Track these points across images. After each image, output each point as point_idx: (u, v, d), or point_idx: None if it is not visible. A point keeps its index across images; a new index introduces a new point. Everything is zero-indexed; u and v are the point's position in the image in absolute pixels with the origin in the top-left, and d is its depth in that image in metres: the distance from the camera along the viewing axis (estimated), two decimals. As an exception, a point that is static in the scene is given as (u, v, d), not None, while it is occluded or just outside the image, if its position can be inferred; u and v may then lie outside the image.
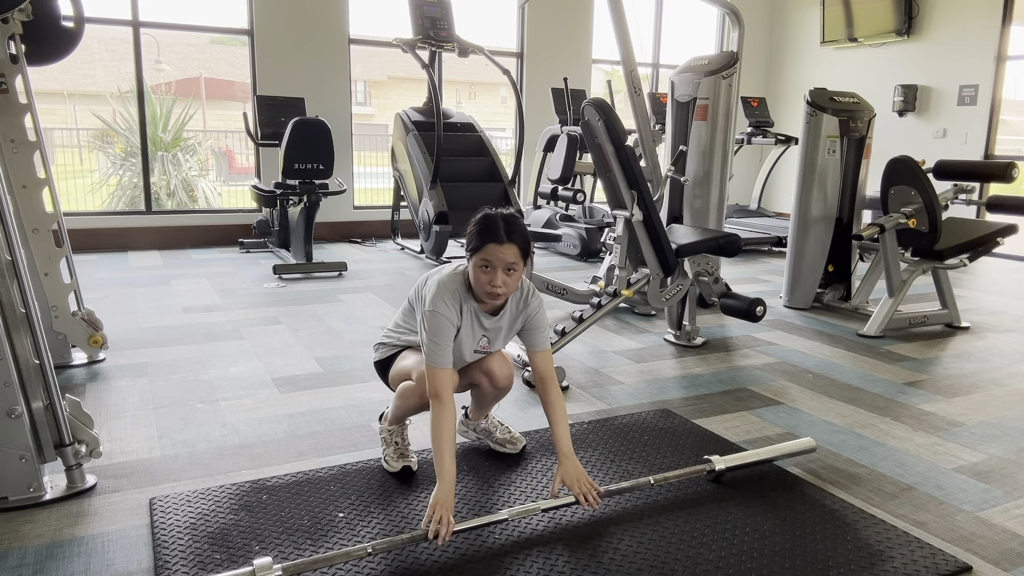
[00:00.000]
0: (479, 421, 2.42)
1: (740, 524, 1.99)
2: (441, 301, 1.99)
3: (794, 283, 4.66)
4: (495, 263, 1.94)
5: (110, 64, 9.71)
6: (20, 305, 2.06)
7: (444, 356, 1.97)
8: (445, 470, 1.86)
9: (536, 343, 2.16)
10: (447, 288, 2.01)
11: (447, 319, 1.97)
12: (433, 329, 1.97)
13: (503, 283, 1.96)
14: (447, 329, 1.97)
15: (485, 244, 1.94)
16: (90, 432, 2.18)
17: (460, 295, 2.03)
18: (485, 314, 2.08)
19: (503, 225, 1.95)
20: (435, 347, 1.96)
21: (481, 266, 1.95)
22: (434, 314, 1.97)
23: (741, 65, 4.31)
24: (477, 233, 1.96)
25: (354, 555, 1.71)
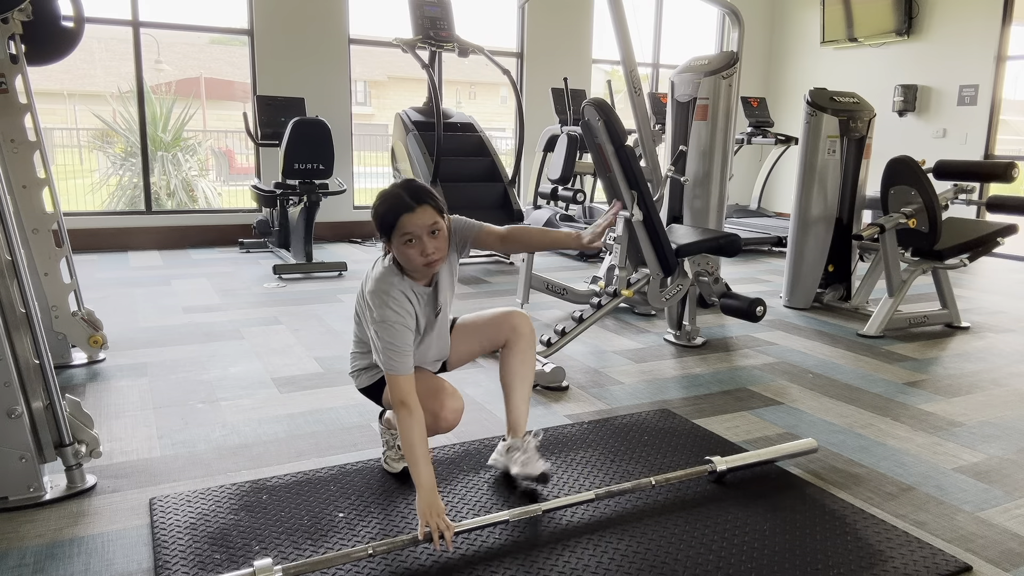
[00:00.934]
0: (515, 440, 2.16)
1: (740, 524, 1.99)
2: (388, 307, 1.88)
3: (794, 283, 4.66)
4: (417, 232, 1.85)
5: (110, 64, 9.72)
6: (20, 305, 2.06)
7: (404, 362, 1.87)
8: (423, 477, 1.80)
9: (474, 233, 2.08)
10: (385, 289, 1.90)
11: (402, 321, 1.88)
12: (389, 338, 1.86)
13: (435, 248, 1.87)
14: (404, 333, 1.88)
15: (398, 219, 1.84)
16: (90, 432, 2.18)
17: (401, 286, 1.92)
18: (426, 288, 2.00)
19: (406, 193, 1.87)
20: (394, 355, 1.86)
21: (405, 242, 1.86)
22: (384, 323, 1.86)
23: (741, 65, 4.31)
24: (383, 213, 1.87)
25: (354, 556, 1.71)
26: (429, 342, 2.10)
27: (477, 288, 4.96)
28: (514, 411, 2.17)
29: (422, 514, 1.77)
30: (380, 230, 1.89)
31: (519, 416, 2.17)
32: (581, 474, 2.26)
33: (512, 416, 2.18)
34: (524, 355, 2.15)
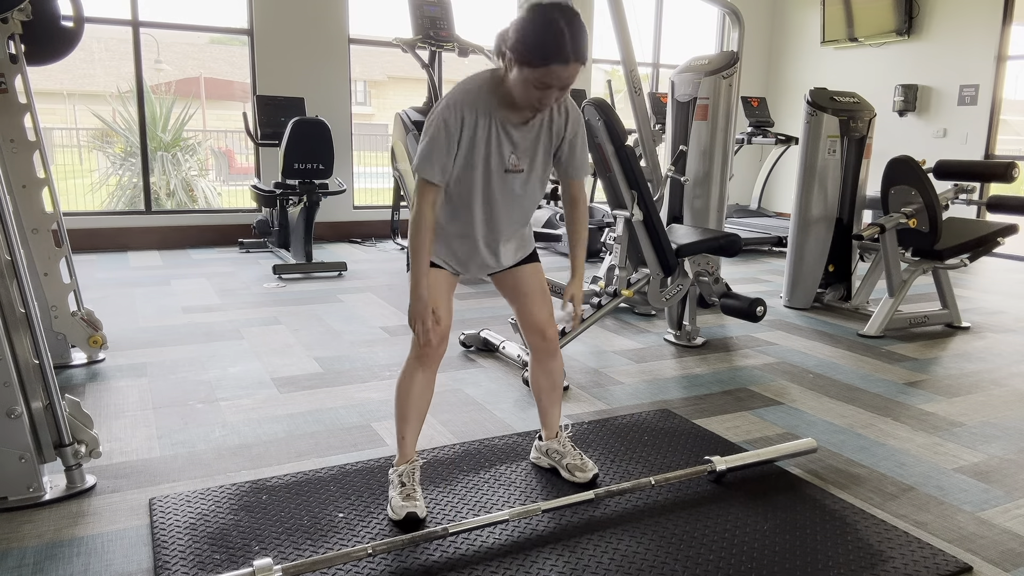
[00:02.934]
0: (551, 442, 2.26)
1: (740, 524, 1.98)
2: (452, 108, 1.76)
3: (794, 283, 4.65)
4: (554, 83, 1.67)
5: (110, 64, 9.72)
6: (20, 305, 2.06)
7: (434, 166, 1.78)
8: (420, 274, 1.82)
9: (572, 170, 1.97)
10: (466, 94, 1.78)
11: (450, 129, 1.76)
12: (433, 132, 1.77)
13: (556, 99, 1.73)
14: (447, 140, 1.77)
15: (548, 64, 1.64)
16: (90, 432, 2.18)
17: (482, 99, 1.78)
18: (512, 124, 1.83)
19: (569, 39, 1.64)
20: (427, 154, 1.78)
21: (536, 85, 1.68)
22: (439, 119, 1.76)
23: (741, 65, 4.31)
24: (538, 45, 1.64)
25: (354, 556, 1.71)
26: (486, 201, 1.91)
27: (477, 288, 4.96)
28: (544, 414, 2.27)
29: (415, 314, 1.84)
30: (520, 53, 1.66)
31: (551, 419, 2.26)
32: (581, 474, 2.26)
33: (544, 419, 2.28)
34: (545, 366, 2.19)
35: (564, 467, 2.22)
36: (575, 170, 1.99)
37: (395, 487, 2.01)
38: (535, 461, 2.32)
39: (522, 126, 1.85)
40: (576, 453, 2.24)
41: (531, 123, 1.85)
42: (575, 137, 1.94)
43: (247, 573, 1.59)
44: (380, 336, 3.78)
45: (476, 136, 1.81)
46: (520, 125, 1.84)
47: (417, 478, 2.03)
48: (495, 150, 1.84)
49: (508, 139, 1.84)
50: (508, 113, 1.81)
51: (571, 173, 1.99)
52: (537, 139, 1.89)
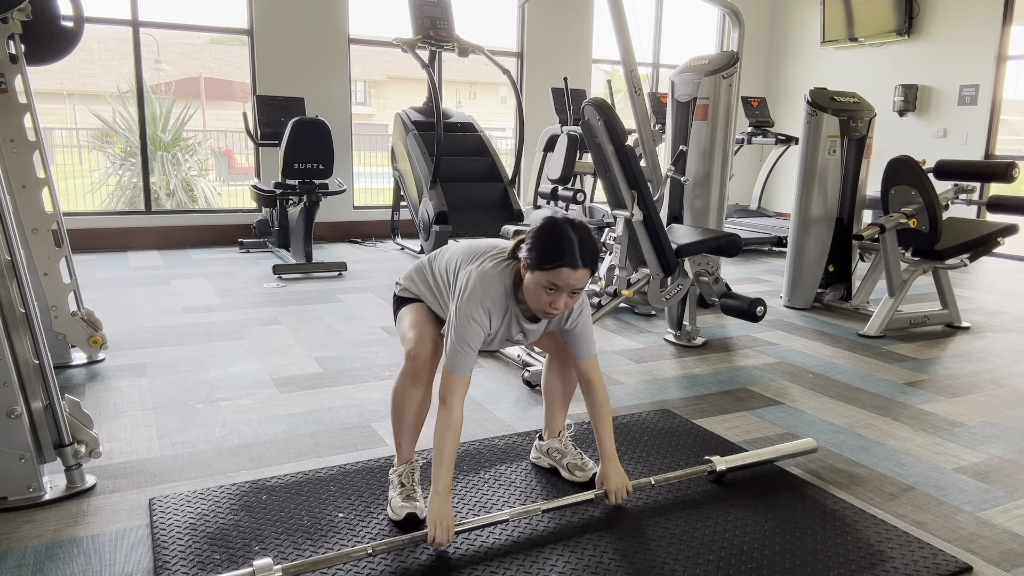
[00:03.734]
0: (552, 441, 2.26)
1: (740, 524, 1.98)
2: (481, 308, 1.82)
3: (794, 283, 4.65)
4: (563, 288, 1.75)
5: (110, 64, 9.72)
6: (20, 305, 2.06)
7: (466, 364, 1.83)
8: (441, 479, 1.79)
9: (580, 350, 2.01)
10: (490, 292, 1.84)
11: (481, 328, 1.83)
12: (462, 333, 1.81)
13: (565, 305, 1.79)
14: (478, 338, 1.83)
15: (557, 267, 1.73)
16: (89, 432, 2.18)
17: (503, 301, 1.86)
18: (527, 318, 1.93)
19: (579, 246, 1.75)
20: (460, 353, 1.81)
21: (546, 286, 1.76)
22: (470, 320, 1.81)
23: (741, 65, 4.31)
24: (548, 251, 1.75)
25: (354, 556, 1.71)
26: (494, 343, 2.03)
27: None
28: (552, 416, 2.27)
29: (432, 518, 1.77)
30: (533, 256, 1.76)
31: (557, 421, 2.26)
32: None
33: (550, 420, 2.28)
34: (565, 370, 2.19)
35: (564, 466, 2.22)
36: (584, 350, 2.01)
37: (395, 487, 2.01)
38: (535, 461, 2.32)
39: (533, 322, 1.95)
40: (576, 452, 2.24)
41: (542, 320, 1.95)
42: (578, 326, 1.98)
43: (247, 573, 1.59)
44: (380, 336, 3.78)
45: (494, 326, 1.89)
46: (531, 321, 1.94)
47: (417, 478, 2.03)
48: (504, 332, 1.95)
49: (519, 328, 1.95)
50: (524, 309, 1.90)
51: (579, 353, 2.02)
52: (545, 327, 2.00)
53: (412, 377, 1.92)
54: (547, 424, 2.28)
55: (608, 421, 2.04)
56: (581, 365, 2.03)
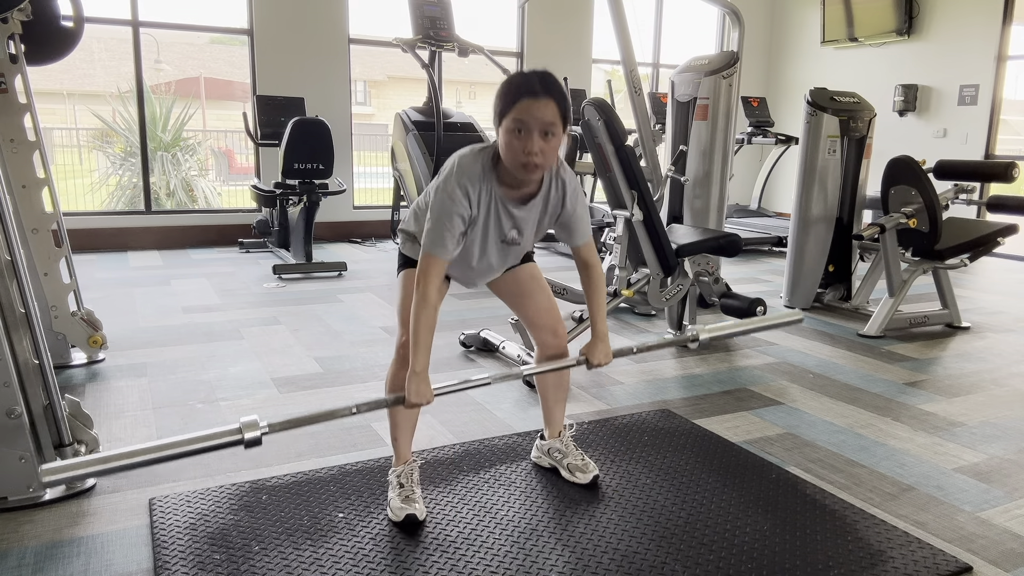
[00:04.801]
0: (553, 441, 2.25)
1: (740, 524, 1.98)
2: (457, 186, 1.75)
3: (794, 283, 4.65)
4: (530, 124, 1.66)
5: (110, 64, 9.72)
6: (20, 305, 2.06)
7: (442, 245, 1.75)
8: (419, 361, 1.76)
9: (577, 236, 1.95)
10: (466, 169, 1.77)
11: (457, 207, 1.75)
12: (440, 212, 1.75)
13: (540, 150, 1.68)
14: (457, 219, 1.75)
15: (518, 100, 1.66)
16: (89, 432, 2.18)
17: (482, 177, 1.78)
18: (513, 202, 1.83)
19: (538, 79, 1.68)
20: (435, 232, 1.75)
21: (513, 129, 1.67)
22: (447, 197, 1.74)
23: (741, 65, 4.31)
24: (507, 91, 1.69)
25: (339, 413, 1.77)
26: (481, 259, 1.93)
27: (478, 288, 4.95)
28: (548, 413, 2.26)
29: (409, 394, 1.77)
30: (497, 107, 1.71)
31: (556, 417, 2.25)
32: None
33: (548, 417, 2.26)
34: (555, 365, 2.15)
35: (565, 467, 2.21)
36: (581, 235, 1.97)
37: (394, 488, 2.01)
38: (536, 460, 2.32)
39: (522, 205, 1.85)
40: (578, 453, 2.23)
41: (532, 202, 1.85)
42: (574, 211, 1.92)
43: (233, 429, 1.63)
44: (380, 336, 3.78)
45: (479, 212, 1.81)
46: (520, 204, 1.84)
47: (416, 479, 2.03)
48: (494, 225, 1.85)
49: (508, 216, 1.85)
50: (508, 191, 1.82)
51: (577, 239, 1.97)
52: (539, 214, 1.89)
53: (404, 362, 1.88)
54: (546, 422, 2.27)
55: (602, 300, 2.03)
56: (581, 251, 1.99)
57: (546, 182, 1.84)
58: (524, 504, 2.07)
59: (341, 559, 1.78)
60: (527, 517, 2.00)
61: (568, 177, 1.88)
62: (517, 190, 1.82)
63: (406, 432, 2.03)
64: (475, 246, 1.88)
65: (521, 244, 1.94)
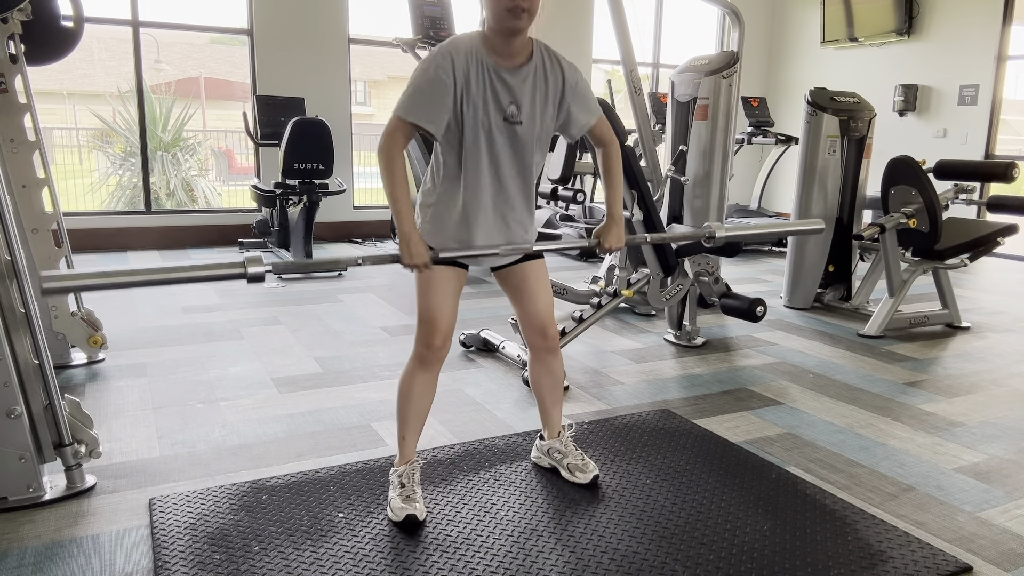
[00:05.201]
0: (553, 441, 2.24)
1: (740, 524, 1.98)
2: (439, 51, 1.76)
3: (794, 283, 4.65)
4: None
5: (110, 64, 9.71)
6: (20, 305, 2.06)
7: (414, 106, 1.76)
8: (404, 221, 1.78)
9: (587, 113, 1.95)
10: (452, 41, 1.78)
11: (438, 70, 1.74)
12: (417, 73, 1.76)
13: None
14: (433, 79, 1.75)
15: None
16: (89, 432, 2.18)
17: (468, 47, 1.78)
18: (505, 69, 1.82)
19: None
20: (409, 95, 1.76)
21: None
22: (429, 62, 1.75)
23: (741, 65, 4.30)
24: None
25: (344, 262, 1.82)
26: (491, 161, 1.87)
27: (477, 288, 4.96)
28: (545, 414, 2.25)
29: (403, 257, 1.79)
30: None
31: (553, 418, 2.24)
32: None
33: (545, 418, 2.26)
34: (547, 365, 2.16)
35: (565, 467, 2.21)
36: (591, 111, 1.97)
37: (395, 488, 2.00)
38: (536, 460, 2.32)
39: (515, 71, 1.83)
40: (578, 453, 2.23)
41: (524, 69, 1.84)
42: (576, 84, 1.91)
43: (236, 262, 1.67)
44: (380, 336, 3.78)
45: (470, 82, 1.79)
46: (513, 70, 1.83)
47: (417, 479, 2.03)
48: (491, 98, 1.82)
49: (504, 85, 1.82)
50: (498, 59, 1.81)
51: (589, 116, 1.97)
52: (534, 88, 1.86)
53: (423, 362, 1.95)
54: (545, 423, 2.27)
55: (618, 181, 2.03)
56: (595, 129, 2.00)
57: (537, 53, 1.86)
58: (524, 504, 2.07)
59: (341, 559, 1.78)
60: (527, 517, 2.00)
61: (563, 57, 1.90)
62: (507, 57, 1.82)
63: (415, 430, 2.03)
64: (480, 129, 1.83)
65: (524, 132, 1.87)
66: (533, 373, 2.20)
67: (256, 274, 1.67)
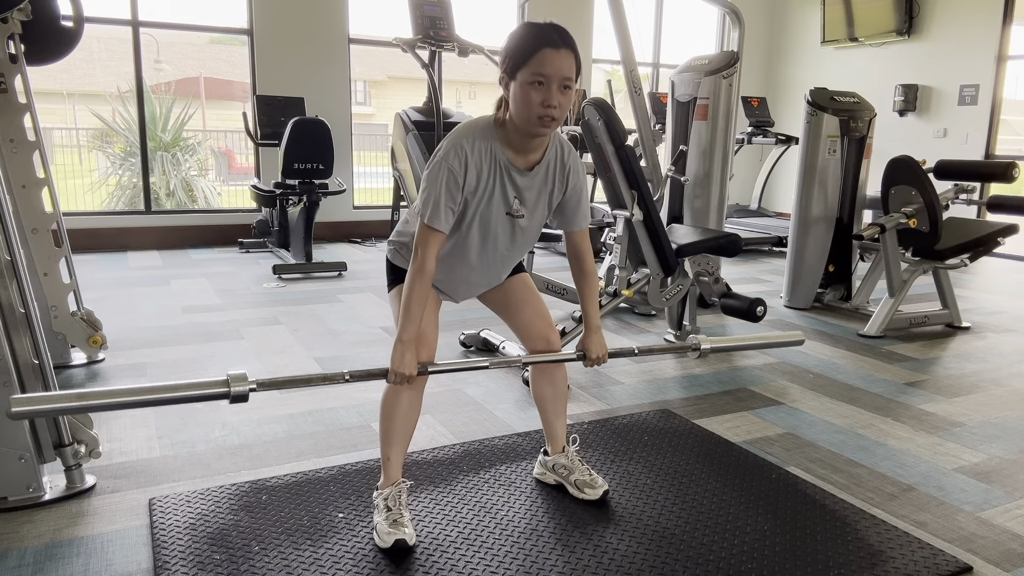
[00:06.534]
0: (558, 456, 2.14)
1: (740, 524, 1.98)
2: (455, 149, 1.70)
3: (794, 283, 4.65)
4: (551, 76, 1.61)
5: (110, 64, 9.71)
6: (19, 305, 2.06)
7: (438, 214, 1.69)
8: (407, 330, 1.72)
9: (576, 218, 1.90)
10: (466, 130, 1.72)
11: (454, 176, 1.69)
12: (435, 177, 1.69)
13: (559, 104, 1.63)
14: (452, 185, 1.70)
15: (539, 51, 1.61)
16: (89, 432, 2.18)
17: (483, 138, 1.73)
18: (517, 168, 1.78)
19: (554, 30, 1.64)
20: (431, 200, 1.69)
21: (532, 82, 1.62)
22: (443, 162, 1.69)
23: (741, 65, 4.31)
24: (523, 42, 1.64)
25: (332, 378, 1.76)
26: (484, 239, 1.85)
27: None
28: (549, 426, 2.16)
29: (393, 362, 1.73)
30: (511, 60, 1.65)
31: (557, 431, 2.15)
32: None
33: (549, 431, 2.16)
34: (549, 374, 2.09)
35: (572, 483, 2.11)
36: (580, 219, 1.92)
37: (380, 512, 1.86)
38: (539, 477, 2.20)
39: (527, 171, 1.80)
40: (584, 468, 2.12)
41: (536, 168, 1.81)
42: (577, 186, 1.88)
43: (220, 380, 1.61)
44: (380, 336, 3.78)
45: (480, 179, 1.75)
46: (525, 171, 1.80)
47: (404, 501, 1.88)
48: (499, 194, 1.80)
49: (512, 184, 1.80)
50: (513, 155, 1.77)
51: (576, 223, 1.93)
52: (541, 186, 1.84)
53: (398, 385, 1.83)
54: (548, 437, 2.17)
55: (594, 291, 1.98)
56: (574, 237, 1.94)
57: (552, 150, 1.82)
58: (524, 504, 2.07)
59: (341, 559, 1.78)
60: (527, 517, 2.00)
61: (572, 155, 1.85)
62: (523, 154, 1.78)
63: (400, 450, 1.90)
64: (478, 219, 1.81)
65: (524, 225, 1.86)
66: (535, 384, 2.12)
67: (240, 393, 1.63)
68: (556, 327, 2.11)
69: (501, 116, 1.75)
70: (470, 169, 1.72)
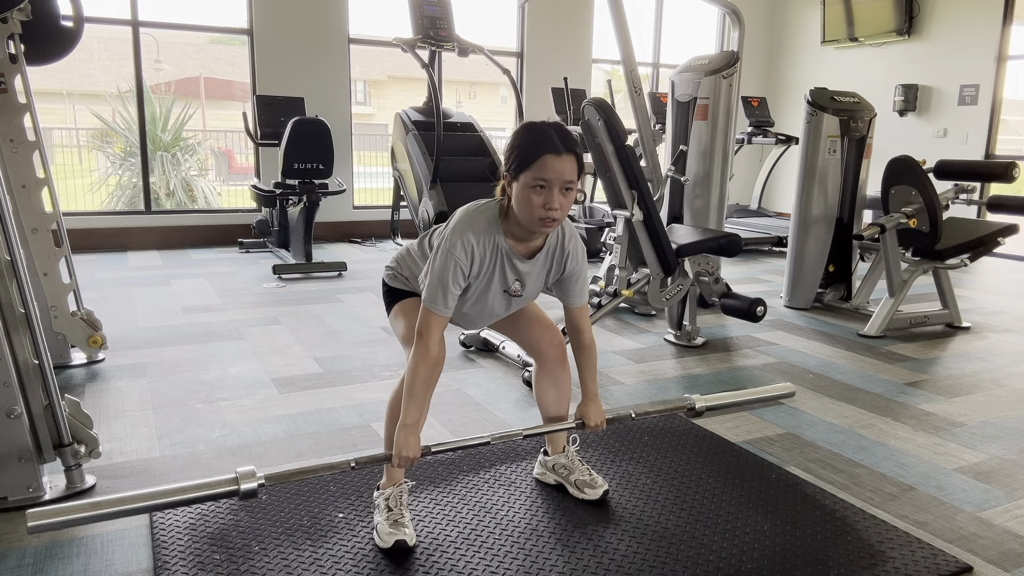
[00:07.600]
0: (558, 456, 2.15)
1: (740, 524, 1.98)
2: (461, 240, 1.73)
3: (794, 283, 4.65)
4: (552, 180, 1.66)
5: (109, 64, 9.71)
6: (19, 305, 2.06)
7: (443, 302, 1.74)
8: (410, 414, 1.72)
9: (574, 296, 1.94)
10: (471, 222, 1.76)
11: (459, 261, 1.73)
12: (442, 269, 1.73)
13: (560, 206, 1.68)
14: (458, 277, 1.74)
15: (541, 156, 1.66)
16: (89, 432, 2.18)
17: (487, 230, 1.77)
18: (518, 256, 1.82)
19: (556, 134, 1.69)
20: (437, 289, 1.73)
21: (534, 186, 1.67)
22: (449, 254, 1.72)
23: (741, 65, 4.31)
24: (527, 144, 1.69)
25: (337, 467, 1.75)
26: (481, 309, 1.91)
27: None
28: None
29: (396, 447, 1.73)
30: (514, 161, 1.70)
31: (557, 433, 2.15)
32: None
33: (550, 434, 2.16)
34: (555, 376, 2.09)
35: (572, 483, 2.11)
36: (578, 297, 1.96)
37: (381, 512, 1.87)
38: (539, 477, 2.21)
39: (528, 259, 1.84)
40: (584, 468, 2.13)
41: (537, 255, 1.84)
42: (575, 270, 1.92)
43: (229, 479, 1.62)
44: (380, 336, 3.78)
45: (483, 266, 1.80)
46: (526, 258, 1.83)
47: (405, 501, 1.90)
48: (499, 278, 1.84)
49: (513, 270, 1.84)
50: (515, 244, 1.81)
51: (574, 300, 1.97)
52: (541, 269, 1.89)
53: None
54: (549, 437, 2.17)
55: (593, 362, 2.01)
56: (573, 313, 1.98)
57: (553, 237, 1.86)
58: (524, 504, 2.07)
59: (341, 559, 1.78)
60: (527, 517, 2.00)
61: (572, 240, 1.89)
62: (525, 244, 1.82)
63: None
64: (474, 299, 1.87)
65: (523, 296, 1.92)
66: (538, 386, 2.12)
67: (249, 490, 1.64)
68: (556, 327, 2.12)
69: (505, 205, 1.79)
70: (475, 261, 1.78)
